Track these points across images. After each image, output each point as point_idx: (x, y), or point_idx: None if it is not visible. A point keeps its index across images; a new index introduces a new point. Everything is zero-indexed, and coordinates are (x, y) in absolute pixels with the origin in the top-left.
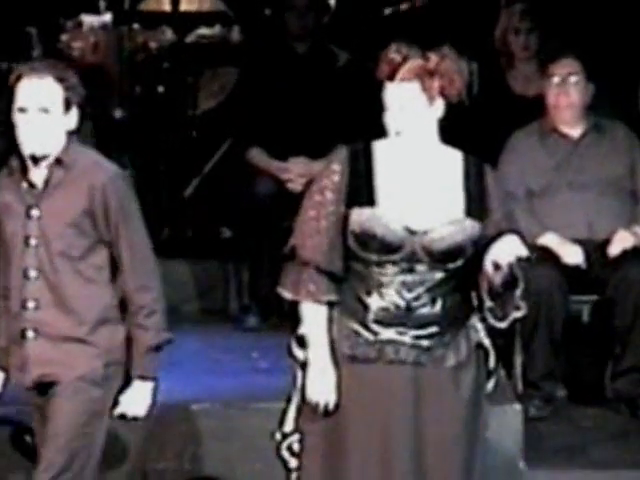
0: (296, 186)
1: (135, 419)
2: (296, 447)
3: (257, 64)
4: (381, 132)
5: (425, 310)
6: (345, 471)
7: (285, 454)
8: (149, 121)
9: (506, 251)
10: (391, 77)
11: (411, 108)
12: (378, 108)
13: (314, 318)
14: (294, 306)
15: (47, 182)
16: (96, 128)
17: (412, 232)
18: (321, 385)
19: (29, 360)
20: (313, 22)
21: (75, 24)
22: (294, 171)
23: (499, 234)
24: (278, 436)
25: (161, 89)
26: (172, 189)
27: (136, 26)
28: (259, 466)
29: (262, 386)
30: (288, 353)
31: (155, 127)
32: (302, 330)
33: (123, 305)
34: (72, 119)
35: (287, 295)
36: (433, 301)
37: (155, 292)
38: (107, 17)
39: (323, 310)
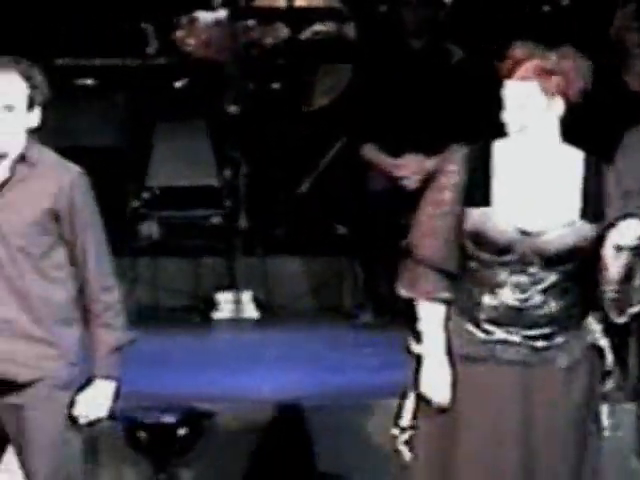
0: (410, 183)
1: (96, 422)
2: (412, 441)
3: (372, 60)
4: (498, 131)
5: (537, 311)
6: (455, 468)
7: (402, 448)
8: (263, 117)
9: (626, 234)
10: (510, 75)
11: (529, 107)
12: (495, 106)
13: (430, 315)
14: (410, 302)
15: (9, 178)
16: (210, 125)
17: (525, 234)
18: (435, 381)
19: None
20: (428, 18)
21: (190, 20)
22: (408, 168)
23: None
24: (395, 430)
25: (275, 85)
26: (286, 186)
27: (251, 22)
28: (371, 462)
29: (374, 383)
30: (405, 348)
31: (269, 124)
32: (419, 326)
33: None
34: (34, 117)
35: (403, 292)
36: (546, 302)
37: (118, 292)
38: (222, 13)
39: (439, 307)
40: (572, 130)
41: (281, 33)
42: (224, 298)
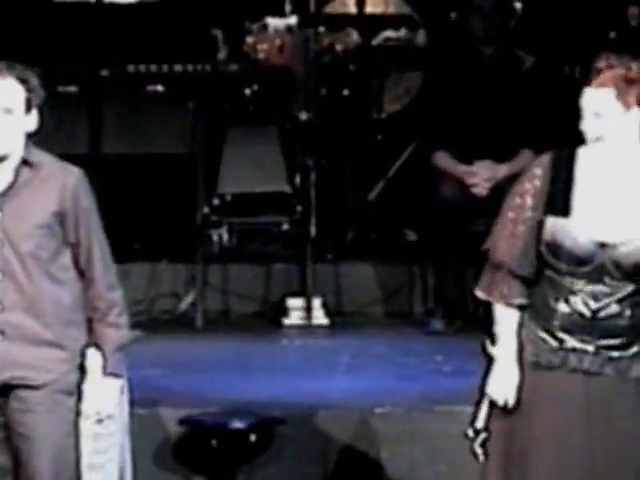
0: (481, 190)
1: (104, 419)
2: (487, 444)
3: (442, 67)
4: (577, 139)
5: (612, 320)
6: (524, 473)
7: (478, 451)
8: (334, 124)
9: None
10: (589, 83)
11: (605, 115)
12: (570, 113)
13: (504, 319)
14: (487, 306)
15: (12, 183)
16: (280, 131)
17: (602, 245)
18: (502, 383)
19: None
20: (499, 25)
21: (260, 27)
22: (479, 175)
23: None
24: (470, 432)
25: (346, 92)
26: (357, 192)
27: (322, 28)
28: (443, 469)
29: (446, 389)
30: (482, 350)
31: (340, 130)
32: (495, 329)
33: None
34: (32, 120)
35: (480, 295)
36: (621, 312)
37: (121, 291)
38: (292, 19)
39: (514, 312)
40: None
41: (352, 39)
42: (294, 304)
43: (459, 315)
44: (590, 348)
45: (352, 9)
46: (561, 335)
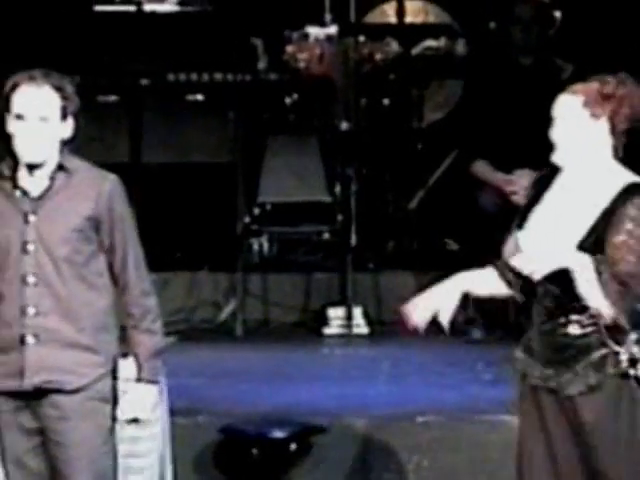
0: (520, 198)
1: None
2: None
3: (482, 76)
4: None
5: (554, 336)
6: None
7: None
8: (374, 133)
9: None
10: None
11: (569, 119)
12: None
13: None
14: (519, 317)
15: (48, 188)
16: (320, 140)
17: None
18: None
19: (28, 366)
20: (538, 35)
21: (301, 36)
22: (519, 183)
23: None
24: None
25: (386, 101)
26: (397, 201)
27: (362, 38)
28: (483, 478)
29: (486, 398)
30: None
31: (380, 139)
32: None
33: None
34: (68, 128)
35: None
36: (559, 328)
37: (155, 297)
38: (333, 29)
39: None
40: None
41: (392, 49)
42: (335, 313)
43: (499, 324)
44: (537, 365)
45: (392, 18)
46: (528, 347)
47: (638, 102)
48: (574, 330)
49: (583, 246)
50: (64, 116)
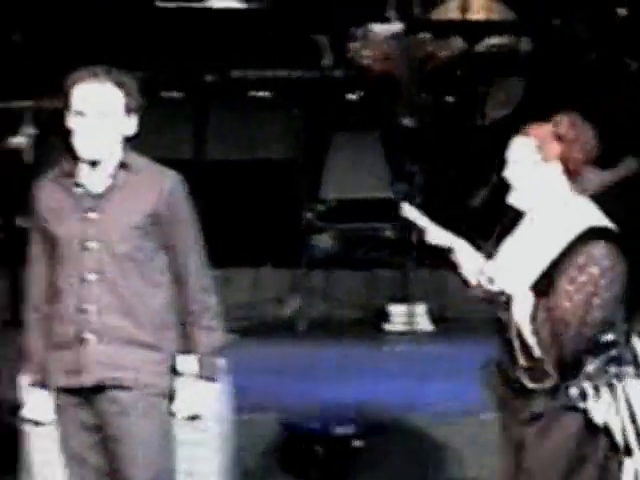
0: (585, 196)
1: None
2: None
3: (546, 73)
4: None
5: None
6: None
7: None
8: (438, 130)
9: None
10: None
11: (522, 163)
12: None
13: None
14: None
15: (109, 185)
16: (384, 137)
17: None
18: None
19: (88, 362)
20: (602, 31)
21: (365, 33)
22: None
23: None
24: None
25: (450, 98)
26: (460, 199)
27: (426, 35)
28: None
29: None
30: None
31: (444, 136)
32: None
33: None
34: (130, 125)
35: None
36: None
37: (215, 295)
38: (397, 26)
39: None
40: None
41: (456, 46)
42: (397, 310)
43: None
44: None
45: (456, 15)
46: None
47: (590, 146)
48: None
49: (536, 288)
50: (126, 112)
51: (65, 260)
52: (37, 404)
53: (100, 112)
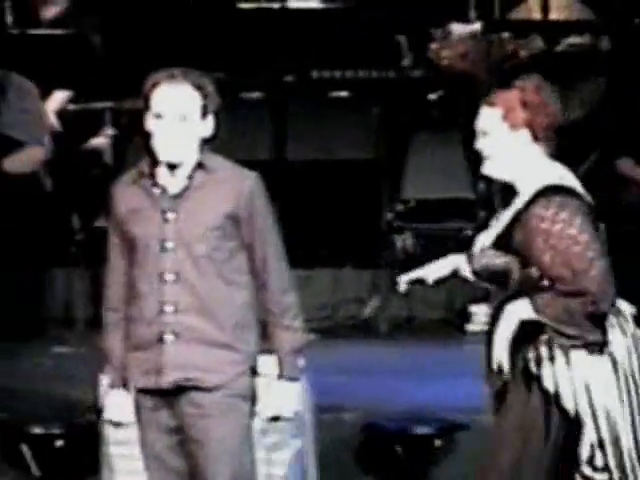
0: None
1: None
2: None
3: (626, 73)
4: None
5: None
6: None
7: None
8: None
9: None
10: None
11: (491, 133)
12: None
13: None
14: None
15: (187, 187)
16: (465, 136)
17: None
18: None
19: (167, 363)
20: None
21: (445, 33)
22: None
23: None
24: None
25: None
26: None
27: (506, 34)
28: None
29: None
30: None
31: None
32: None
33: None
34: (208, 127)
35: None
36: None
37: (295, 295)
38: (476, 26)
39: None
40: None
41: (536, 45)
42: (479, 311)
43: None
44: None
45: (536, 15)
46: None
47: (555, 109)
48: None
49: (496, 245)
50: (204, 114)
51: (144, 261)
52: (117, 405)
53: (178, 114)
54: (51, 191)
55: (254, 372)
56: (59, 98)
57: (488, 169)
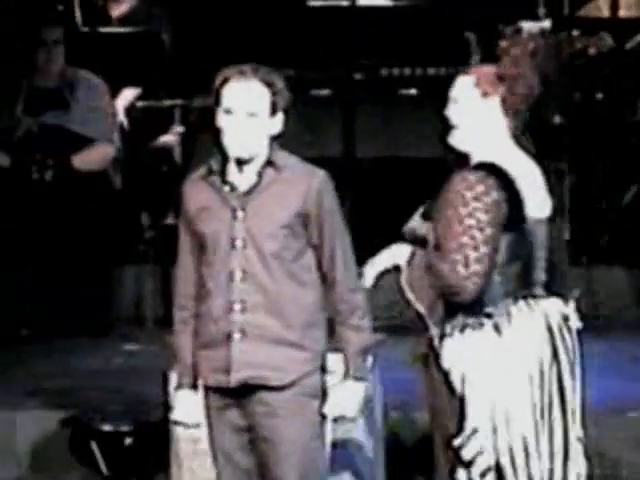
0: None
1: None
2: None
3: None
4: None
5: None
6: None
7: None
8: (587, 127)
9: None
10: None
11: (461, 100)
12: None
13: None
14: None
15: (256, 184)
16: (533, 135)
17: None
18: None
19: (234, 362)
20: None
21: (514, 30)
22: None
23: None
24: None
25: (600, 95)
26: (611, 196)
27: (575, 32)
28: None
29: None
30: None
31: (593, 133)
32: None
33: None
34: (277, 123)
35: None
36: None
37: (363, 294)
38: (546, 23)
39: None
40: None
41: (606, 43)
42: None
43: None
44: None
45: (606, 12)
46: None
47: (532, 81)
48: None
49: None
50: (274, 111)
51: (213, 259)
52: (186, 405)
53: (248, 110)
54: (120, 189)
55: (324, 370)
56: (128, 96)
57: (454, 139)
